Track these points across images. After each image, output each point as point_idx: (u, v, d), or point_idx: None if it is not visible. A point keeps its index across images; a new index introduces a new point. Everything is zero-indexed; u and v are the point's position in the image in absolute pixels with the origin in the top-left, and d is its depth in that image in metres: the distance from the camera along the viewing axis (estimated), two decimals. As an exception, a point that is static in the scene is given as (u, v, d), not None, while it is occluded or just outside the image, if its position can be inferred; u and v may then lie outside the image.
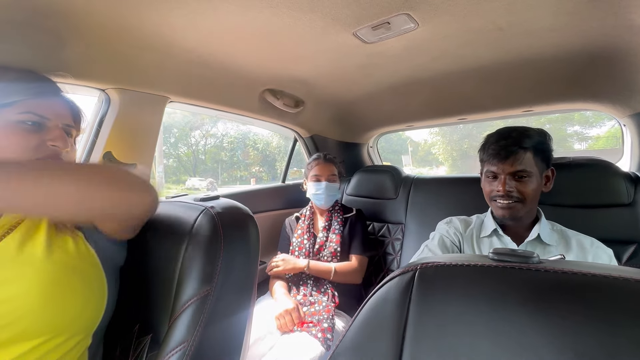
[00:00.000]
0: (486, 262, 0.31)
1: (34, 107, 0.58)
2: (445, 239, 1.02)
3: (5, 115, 0.56)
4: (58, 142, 0.59)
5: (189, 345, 0.51)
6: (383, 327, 0.32)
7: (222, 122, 13.64)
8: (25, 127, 0.57)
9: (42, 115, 0.59)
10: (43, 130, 0.59)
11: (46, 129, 0.59)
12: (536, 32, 0.91)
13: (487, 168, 0.91)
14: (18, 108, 0.57)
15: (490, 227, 0.97)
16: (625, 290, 0.25)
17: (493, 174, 0.90)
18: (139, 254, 0.65)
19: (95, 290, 0.56)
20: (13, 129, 0.56)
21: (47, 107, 0.60)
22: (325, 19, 0.84)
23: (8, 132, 0.56)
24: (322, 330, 1.10)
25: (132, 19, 0.79)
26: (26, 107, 0.57)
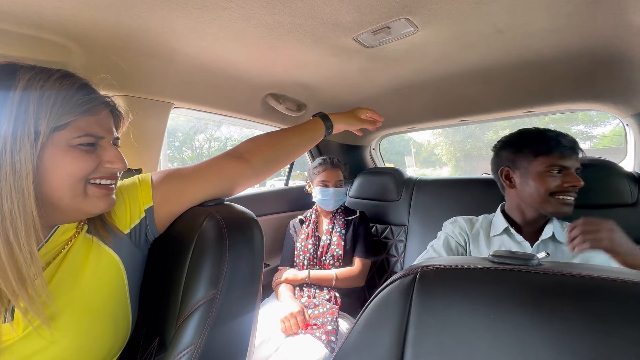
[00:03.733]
0: (486, 264, 0.32)
1: (88, 126, 0.53)
2: (450, 239, 1.02)
3: (61, 139, 0.51)
4: (116, 164, 0.56)
5: (196, 348, 0.52)
6: (385, 328, 0.33)
7: (226, 125, 13.69)
8: (82, 149, 0.53)
9: (96, 134, 0.54)
10: (97, 149, 0.55)
11: (100, 148, 0.56)
12: (536, 34, 0.92)
13: (552, 162, 0.88)
14: (73, 130, 0.52)
15: (501, 225, 0.97)
16: (623, 292, 0.26)
17: (560, 167, 0.87)
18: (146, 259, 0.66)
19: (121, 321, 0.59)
20: (70, 153, 0.52)
21: (99, 123, 0.55)
22: (326, 24, 0.85)
23: (66, 157, 0.51)
24: (326, 333, 1.11)
25: (137, 27, 0.81)
26: (81, 129, 0.52)
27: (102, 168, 0.55)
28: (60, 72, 0.53)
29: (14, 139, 0.47)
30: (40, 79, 0.50)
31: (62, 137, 0.51)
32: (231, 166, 0.72)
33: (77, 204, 0.53)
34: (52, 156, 0.50)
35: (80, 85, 0.54)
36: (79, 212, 0.55)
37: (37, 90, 0.50)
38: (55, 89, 0.51)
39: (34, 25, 0.74)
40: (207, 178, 0.70)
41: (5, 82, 0.48)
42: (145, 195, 0.65)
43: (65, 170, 0.51)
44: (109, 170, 0.56)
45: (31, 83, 0.49)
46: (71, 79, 0.53)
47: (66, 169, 0.51)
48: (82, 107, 0.52)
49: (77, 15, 0.73)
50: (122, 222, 0.63)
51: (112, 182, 0.58)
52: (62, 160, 0.51)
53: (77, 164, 0.52)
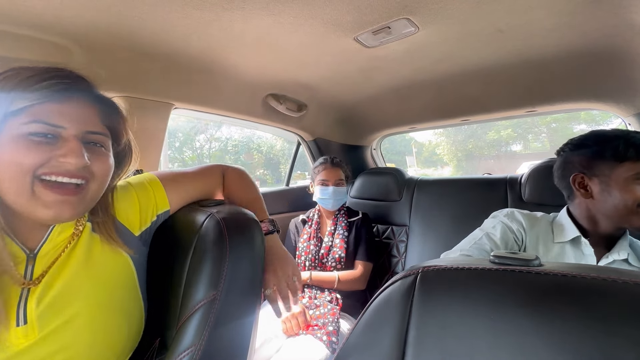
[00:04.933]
0: (487, 265, 0.32)
1: (44, 114, 0.46)
2: (509, 233, 0.89)
3: (12, 126, 0.45)
4: (70, 157, 0.47)
5: (197, 349, 0.52)
6: (386, 329, 0.33)
7: (226, 126, 13.73)
8: (33, 140, 0.46)
9: (55, 123, 0.47)
10: (57, 142, 0.48)
11: (60, 140, 0.48)
12: (537, 33, 0.92)
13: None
14: (25, 116, 0.45)
15: (571, 232, 0.84)
16: (624, 293, 0.25)
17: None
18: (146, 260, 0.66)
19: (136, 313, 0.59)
20: (17, 142, 0.45)
21: (62, 111, 0.48)
22: (327, 25, 0.85)
23: (12, 145, 0.45)
24: (328, 334, 1.10)
25: (137, 28, 0.81)
26: (34, 115, 0.46)
27: (53, 162, 0.47)
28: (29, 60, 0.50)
29: None
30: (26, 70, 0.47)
31: (14, 123, 0.45)
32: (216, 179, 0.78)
33: (22, 203, 0.47)
34: (1, 145, 0.45)
35: (44, 70, 0.48)
36: (28, 214, 0.48)
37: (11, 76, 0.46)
38: (14, 72, 0.46)
39: (35, 26, 0.74)
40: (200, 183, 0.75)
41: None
42: (160, 200, 0.66)
43: (7, 160, 0.45)
44: (60, 166, 0.47)
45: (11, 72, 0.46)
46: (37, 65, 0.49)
47: (8, 158, 0.45)
48: (40, 92, 0.46)
49: (77, 16, 0.74)
50: (133, 224, 0.62)
51: (68, 183, 0.48)
52: (6, 149, 0.45)
53: (22, 155, 0.45)
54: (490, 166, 15.93)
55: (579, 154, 0.85)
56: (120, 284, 0.58)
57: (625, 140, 0.77)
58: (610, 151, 0.78)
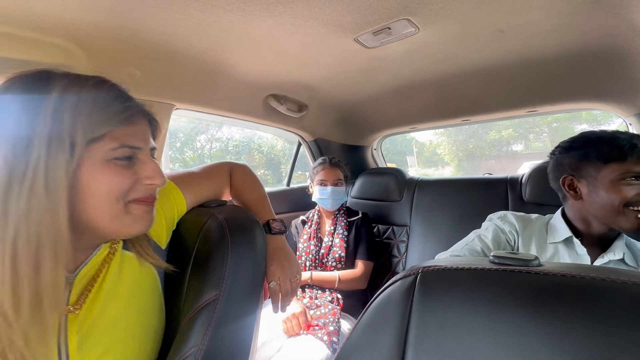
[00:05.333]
0: (486, 265, 0.32)
1: (124, 137, 0.47)
2: (501, 234, 0.92)
3: (97, 153, 0.45)
4: (155, 178, 0.50)
5: (199, 349, 0.52)
6: (386, 329, 0.33)
7: (227, 126, 13.74)
8: (118, 164, 0.46)
9: (135, 145, 0.48)
10: (135, 163, 0.49)
11: (138, 162, 0.49)
12: (537, 34, 0.92)
13: (629, 169, 0.76)
14: (109, 142, 0.45)
15: (563, 233, 0.85)
16: (623, 293, 0.25)
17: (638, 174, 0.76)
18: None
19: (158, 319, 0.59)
20: (107, 168, 0.45)
21: (136, 133, 0.49)
22: (327, 25, 0.85)
23: (103, 173, 0.45)
24: (328, 334, 1.11)
25: (138, 29, 0.81)
26: (117, 139, 0.46)
27: (140, 186, 0.49)
28: (97, 79, 0.48)
29: (48, 152, 0.41)
30: (76, 86, 0.45)
31: (98, 150, 0.45)
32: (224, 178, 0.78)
33: (115, 225, 0.47)
34: (88, 172, 0.44)
35: (117, 92, 0.49)
36: (116, 234, 0.49)
37: (74, 97, 0.44)
38: (92, 96, 0.45)
39: (36, 28, 0.75)
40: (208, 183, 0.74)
41: (39, 90, 0.43)
42: (180, 205, 0.66)
43: (102, 189, 0.45)
44: (148, 188, 0.50)
45: (67, 90, 0.44)
46: (107, 84, 0.49)
47: (103, 186, 0.45)
48: (119, 116, 0.47)
49: (79, 18, 0.74)
50: (160, 237, 0.62)
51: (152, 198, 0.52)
52: (98, 177, 0.45)
53: (115, 181, 0.46)
54: (491, 166, 15.90)
55: (568, 157, 0.86)
56: (152, 302, 0.57)
57: (610, 142, 0.79)
58: (595, 153, 0.80)
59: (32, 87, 0.43)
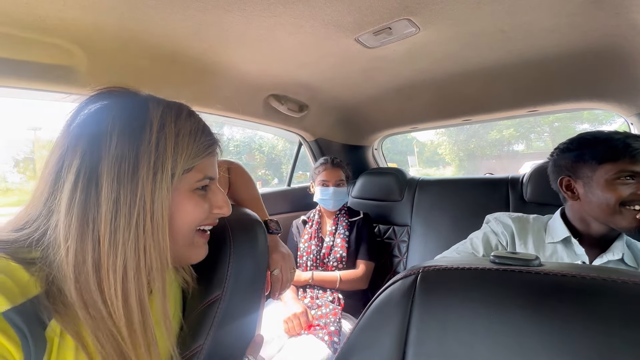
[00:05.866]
0: (487, 265, 0.32)
1: (206, 168, 0.48)
2: (492, 236, 0.93)
3: (185, 183, 0.46)
4: (225, 208, 0.51)
5: (201, 349, 0.52)
6: (387, 329, 0.33)
7: (228, 126, 13.70)
8: (198, 194, 0.48)
9: (212, 176, 0.50)
10: (207, 193, 0.50)
11: (210, 191, 0.50)
12: (538, 33, 0.92)
13: (622, 168, 0.77)
14: (196, 173, 0.47)
15: (561, 233, 0.86)
16: (623, 293, 0.25)
17: (632, 173, 0.76)
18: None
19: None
20: (191, 198, 0.47)
21: (213, 164, 0.50)
22: (327, 26, 0.85)
23: (189, 202, 0.46)
24: (330, 334, 1.11)
25: (139, 30, 0.82)
26: (202, 171, 0.47)
27: (211, 214, 0.50)
28: (187, 109, 0.49)
29: (154, 183, 0.41)
30: (171, 116, 0.45)
31: (187, 180, 0.46)
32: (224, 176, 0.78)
33: (183, 253, 0.49)
34: (177, 202, 0.45)
35: (203, 124, 0.50)
36: (181, 261, 0.51)
37: (173, 128, 0.44)
38: (188, 129, 0.46)
39: (38, 29, 0.75)
40: None
41: (140, 116, 0.43)
42: None
43: (186, 218, 0.46)
44: (216, 216, 0.52)
45: (165, 119, 0.44)
46: (196, 117, 0.50)
47: (187, 215, 0.46)
48: (207, 150, 0.48)
49: (80, 18, 0.74)
50: None
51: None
52: (184, 207, 0.46)
53: (197, 211, 0.47)
54: (492, 166, 15.86)
55: (565, 158, 0.88)
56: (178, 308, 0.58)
57: (604, 143, 0.80)
58: (590, 154, 0.81)
59: (132, 110, 0.43)
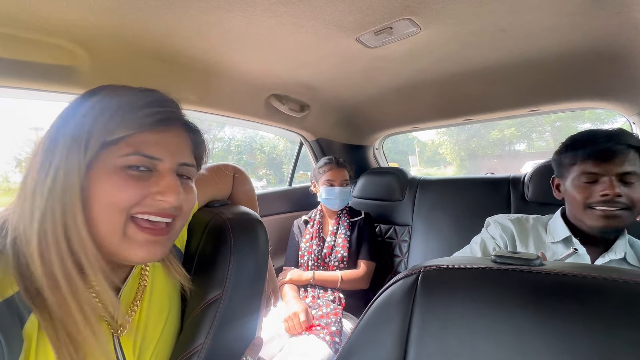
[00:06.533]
0: (488, 264, 0.32)
1: (143, 144, 0.42)
2: (488, 241, 0.93)
3: (108, 158, 0.41)
4: (167, 195, 0.43)
5: (202, 348, 0.53)
6: (388, 328, 0.33)
7: (229, 126, 13.74)
8: (130, 174, 0.42)
9: (153, 155, 0.43)
10: (151, 176, 0.44)
11: (155, 175, 0.44)
12: (539, 33, 0.91)
13: (584, 170, 0.78)
14: (124, 147, 0.41)
15: (561, 232, 0.85)
16: (623, 292, 0.25)
17: (592, 176, 0.77)
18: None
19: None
20: (114, 176, 0.41)
21: (160, 142, 0.44)
22: (328, 25, 0.85)
23: (109, 180, 0.41)
24: (331, 334, 1.11)
25: (141, 31, 0.82)
26: (133, 146, 0.42)
27: (149, 200, 0.43)
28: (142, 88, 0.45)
29: (67, 154, 0.39)
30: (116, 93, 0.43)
31: (111, 154, 0.41)
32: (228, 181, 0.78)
33: (115, 244, 0.42)
34: (96, 178, 0.41)
35: (155, 98, 0.45)
36: (119, 255, 0.43)
37: (105, 97, 0.42)
38: (119, 100, 0.42)
39: (40, 29, 0.75)
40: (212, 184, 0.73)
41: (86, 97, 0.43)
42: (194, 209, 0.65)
43: (105, 198, 0.41)
44: (158, 205, 0.43)
45: (105, 96, 0.42)
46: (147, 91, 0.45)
47: (106, 195, 0.41)
48: (141, 121, 0.42)
49: (82, 19, 0.74)
50: (182, 241, 0.62)
51: (161, 222, 0.44)
52: (104, 184, 0.41)
53: (118, 191, 0.41)
54: (493, 165, 15.84)
55: (555, 158, 0.91)
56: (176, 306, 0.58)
57: (579, 143, 0.83)
58: (566, 154, 0.85)
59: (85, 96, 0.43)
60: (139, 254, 0.43)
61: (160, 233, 0.45)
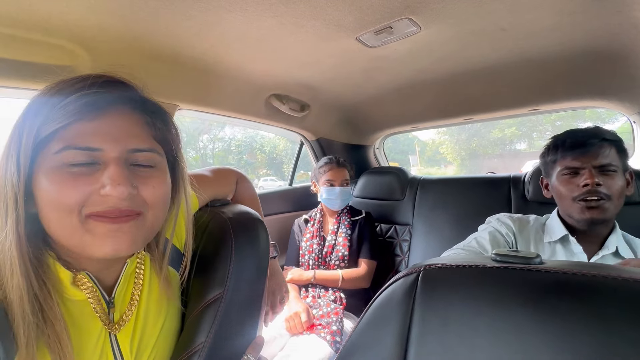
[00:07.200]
0: (488, 263, 0.32)
1: (77, 136, 0.38)
2: (499, 235, 0.93)
3: (44, 159, 0.38)
4: (113, 189, 0.38)
5: (203, 347, 0.53)
6: (388, 327, 0.33)
7: (230, 126, 13.75)
8: (71, 172, 0.38)
9: (90, 146, 0.38)
10: (97, 170, 0.39)
11: (103, 166, 0.39)
12: (539, 32, 0.91)
13: (564, 165, 0.83)
14: (55, 143, 0.37)
15: (559, 231, 0.87)
16: (623, 290, 0.25)
17: (573, 169, 0.81)
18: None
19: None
20: (53, 177, 0.37)
21: (98, 130, 0.39)
22: (329, 25, 0.85)
23: (48, 181, 0.37)
24: (332, 333, 1.11)
25: (142, 31, 0.82)
26: (66, 140, 0.37)
27: (96, 197, 0.38)
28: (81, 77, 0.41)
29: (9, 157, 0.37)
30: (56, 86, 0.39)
31: (45, 155, 0.37)
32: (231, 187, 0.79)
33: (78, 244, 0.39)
34: (38, 182, 0.38)
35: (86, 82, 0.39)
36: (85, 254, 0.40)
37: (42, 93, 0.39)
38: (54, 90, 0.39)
39: (42, 30, 0.76)
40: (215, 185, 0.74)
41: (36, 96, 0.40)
42: (194, 206, 0.65)
43: (49, 202, 0.37)
44: (105, 201, 0.39)
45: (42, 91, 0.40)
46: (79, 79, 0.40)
47: (49, 199, 0.37)
48: (70, 110, 0.37)
49: (83, 20, 0.75)
50: (181, 241, 0.61)
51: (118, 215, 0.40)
52: (44, 187, 0.37)
53: (59, 193, 0.37)
54: (494, 165, 15.82)
55: (541, 161, 0.96)
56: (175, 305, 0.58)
57: (554, 145, 0.87)
58: (549, 155, 0.89)
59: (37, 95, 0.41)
60: (103, 249, 0.39)
61: (124, 220, 0.40)
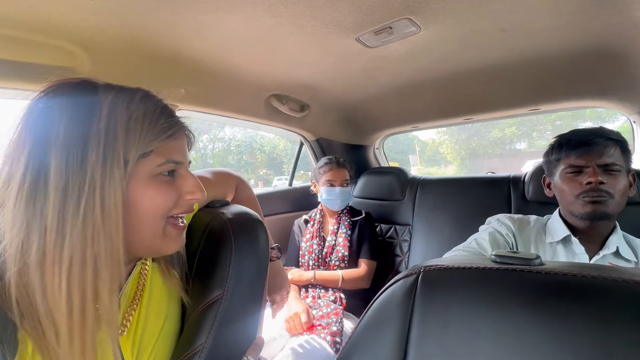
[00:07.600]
0: (488, 264, 0.32)
1: (169, 152, 0.46)
2: (499, 236, 0.93)
3: (144, 169, 0.44)
4: (196, 194, 0.49)
5: (203, 348, 0.53)
6: (388, 328, 0.33)
7: (229, 126, 13.76)
8: (163, 180, 0.46)
9: (178, 160, 0.47)
10: (176, 179, 0.49)
11: (179, 177, 0.49)
12: (539, 32, 0.91)
13: (569, 163, 0.83)
14: (156, 157, 0.45)
15: (561, 232, 0.87)
16: (624, 292, 0.25)
17: (577, 168, 0.81)
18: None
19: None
20: (153, 185, 0.45)
21: (179, 148, 0.48)
22: (328, 25, 0.85)
23: (149, 189, 0.44)
24: (332, 334, 1.11)
25: (141, 32, 0.82)
26: (163, 155, 0.45)
27: (182, 201, 0.49)
28: (142, 92, 0.47)
29: (104, 170, 0.40)
30: (124, 100, 0.44)
31: (146, 165, 0.44)
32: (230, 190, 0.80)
33: (154, 245, 0.47)
34: (136, 189, 0.43)
35: (163, 106, 0.48)
36: (152, 253, 0.50)
37: (124, 112, 0.43)
38: (142, 112, 0.44)
39: (41, 31, 0.76)
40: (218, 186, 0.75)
41: (88, 104, 0.42)
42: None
43: (149, 206, 0.45)
44: (189, 203, 0.50)
45: (115, 104, 0.43)
46: (154, 99, 0.48)
47: (150, 203, 0.45)
48: (167, 132, 0.46)
49: (82, 20, 0.75)
50: None
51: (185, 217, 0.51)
52: (145, 193, 0.44)
53: (160, 198, 0.45)
54: (494, 164, 15.82)
55: (544, 160, 0.96)
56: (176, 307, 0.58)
57: (559, 144, 0.88)
58: (552, 153, 0.90)
59: (80, 98, 0.42)
60: (172, 247, 0.50)
61: (184, 226, 0.52)
